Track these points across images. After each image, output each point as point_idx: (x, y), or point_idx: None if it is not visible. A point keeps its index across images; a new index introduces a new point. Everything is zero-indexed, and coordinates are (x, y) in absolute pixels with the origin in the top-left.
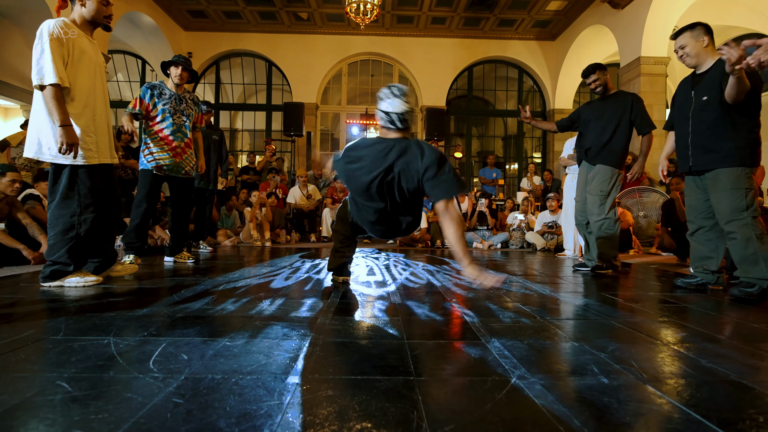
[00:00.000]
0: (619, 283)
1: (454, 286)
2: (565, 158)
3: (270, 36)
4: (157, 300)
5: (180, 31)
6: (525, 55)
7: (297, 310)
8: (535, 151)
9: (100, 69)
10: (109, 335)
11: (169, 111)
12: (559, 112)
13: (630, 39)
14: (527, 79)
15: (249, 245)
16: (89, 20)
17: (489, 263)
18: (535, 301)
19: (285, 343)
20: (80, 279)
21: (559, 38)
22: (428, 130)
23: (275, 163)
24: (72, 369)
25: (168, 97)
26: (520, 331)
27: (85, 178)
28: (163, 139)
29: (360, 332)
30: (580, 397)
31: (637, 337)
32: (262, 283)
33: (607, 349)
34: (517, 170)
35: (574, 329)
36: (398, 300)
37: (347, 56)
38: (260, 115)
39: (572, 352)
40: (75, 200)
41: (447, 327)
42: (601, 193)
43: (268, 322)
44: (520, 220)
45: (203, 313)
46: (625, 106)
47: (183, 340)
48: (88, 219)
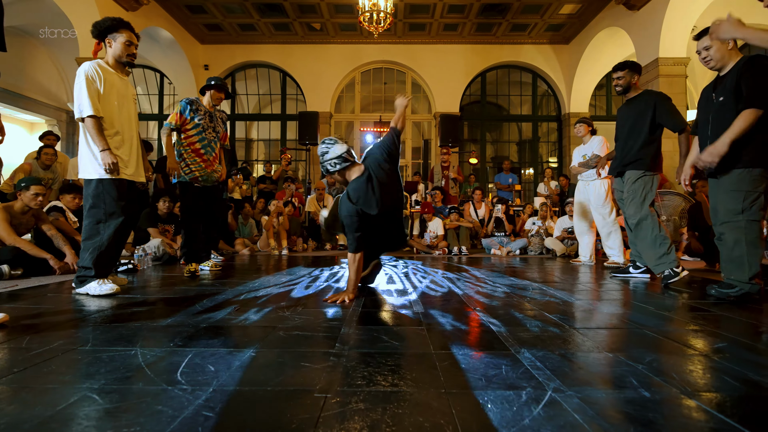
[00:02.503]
0: (646, 290)
1: (475, 294)
2: (576, 166)
3: (284, 47)
4: (179, 310)
5: (197, 45)
6: (538, 59)
7: (320, 320)
8: (551, 155)
9: (129, 99)
10: (136, 346)
11: (203, 126)
12: (575, 116)
13: (647, 40)
14: (541, 84)
15: (266, 254)
16: (117, 60)
17: (507, 269)
18: (560, 308)
19: (311, 354)
20: (98, 286)
21: (573, 41)
22: (442, 136)
23: (291, 172)
24: (101, 380)
25: (203, 113)
26: (549, 341)
27: (110, 189)
28: (195, 152)
29: (385, 343)
30: (622, 412)
31: (674, 347)
32: (282, 292)
33: (644, 360)
34: (533, 175)
35: (605, 339)
36: (421, 309)
37: (360, 65)
38: (275, 124)
39: (607, 363)
40: (101, 209)
41: (474, 336)
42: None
43: (292, 333)
44: (538, 226)
45: (226, 323)
46: (647, 107)
47: (208, 350)
48: (113, 225)
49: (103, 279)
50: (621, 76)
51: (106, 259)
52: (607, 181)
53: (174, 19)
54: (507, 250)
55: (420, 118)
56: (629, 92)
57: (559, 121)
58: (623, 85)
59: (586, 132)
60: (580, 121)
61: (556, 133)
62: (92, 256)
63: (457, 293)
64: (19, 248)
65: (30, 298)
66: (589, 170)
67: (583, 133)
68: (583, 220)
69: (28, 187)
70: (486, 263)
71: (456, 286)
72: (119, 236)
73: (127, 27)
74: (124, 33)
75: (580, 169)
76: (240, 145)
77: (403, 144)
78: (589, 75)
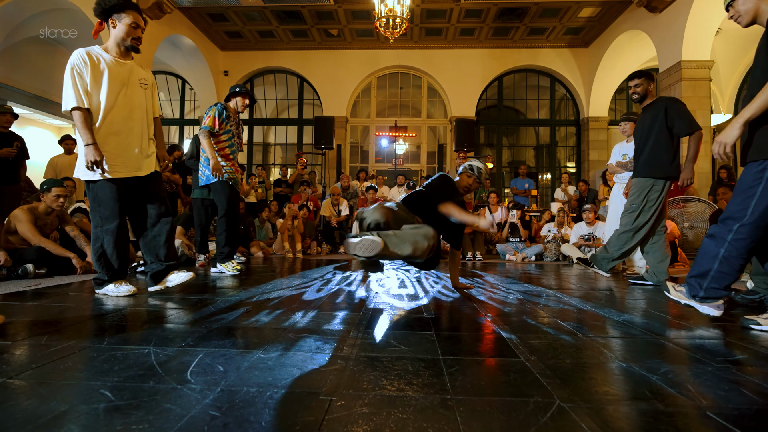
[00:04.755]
0: (665, 298)
1: (488, 300)
2: (613, 165)
3: (301, 53)
4: (194, 310)
5: (217, 51)
6: (557, 63)
7: (329, 323)
8: (569, 160)
9: (132, 86)
10: (150, 345)
11: (232, 132)
12: (594, 120)
13: (669, 43)
14: (559, 88)
15: (281, 257)
16: (119, 44)
17: (522, 276)
18: (575, 316)
19: (318, 357)
20: (114, 288)
21: (592, 45)
22: (458, 141)
23: (307, 176)
24: (115, 378)
25: (231, 119)
26: (561, 349)
27: (104, 190)
28: (225, 156)
29: (393, 347)
30: (634, 424)
31: (691, 359)
32: (294, 294)
33: (659, 370)
34: (550, 180)
35: (620, 348)
36: (431, 314)
37: (376, 70)
38: (292, 129)
39: (620, 373)
40: (97, 212)
41: (484, 343)
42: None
43: (301, 335)
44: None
45: (238, 324)
46: (658, 113)
47: (219, 351)
48: (109, 229)
49: (120, 281)
50: (638, 84)
51: (113, 264)
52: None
53: (196, 26)
54: (522, 256)
55: (435, 123)
56: (646, 100)
57: (578, 126)
58: (641, 93)
59: (632, 131)
60: (625, 118)
61: (574, 137)
62: (99, 262)
63: (470, 299)
64: (44, 248)
65: (52, 297)
66: (626, 173)
67: (630, 132)
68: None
69: (49, 189)
70: (500, 269)
71: (468, 291)
72: (121, 240)
73: (134, 8)
74: (131, 14)
75: (616, 168)
76: (258, 149)
77: (417, 149)
78: (609, 78)
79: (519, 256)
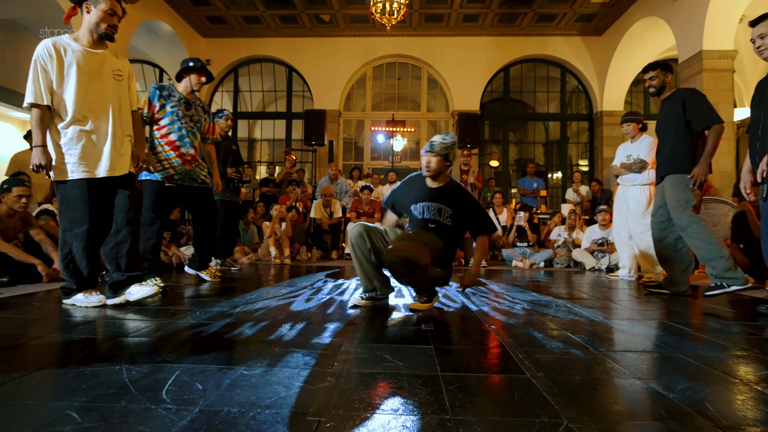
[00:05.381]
0: (685, 309)
1: (492, 310)
2: (617, 167)
3: (290, 40)
4: (170, 322)
5: (198, 39)
6: (568, 52)
7: (319, 336)
8: (581, 158)
9: (106, 78)
10: (122, 361)
11: (177, 114)
12: (608, 114)
13: (690, 31)
14: (571, 79)
15: (267, 263)
16: (92, 31)
17: (529, 284)
18: (586, 329)
19: (306, 373)
20: (83, 298)
21: (606, 33)
22: (460, 136)
23: (296, 175)
24: (83, 397)
25: (177, 99)
26: (570, 365)
27: (73, 193)
28: (169, 144)
29: (388, 362)
30: None
31: (711, 375)
32: (281, 305)
33: (676, 388)
34: (561, 179)
35: (634, 363)
36: (430, 326)
37: (372, 59)
38: (280, 123)
39: (634, 391)
40: (65, 215)
41: (486, 357)
42: (679, 202)
43: (288, 349)
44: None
45: (219, 337)
46: (677, 105)
47: (198, 367)
48: (79, 233)
49: (90, 290)
50: (654, 76)
51: (83, 272)
52: (650, 187)
53: (175, 11)
54: (530, 262)
55: (436, 117)
56: (663, 92)
57: (591, 120)
58: (657, 85)
59: (635, 132)
60: (626, 119)
61: (587, 133)
62: (67, 269)
63: (472, 309)
64: (5, 254)
65: (15, 307)
66: (630, 174)
67: (633, 133)
68: (622, 230)
69: (10, 189)
70: (506, 276)
71: (471, 301)
72: (92, 246)
73: None
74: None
75: (620, 170)
76: (242, 146)
77: (416, 145)
78: (624, 69)
79: (526, 262)
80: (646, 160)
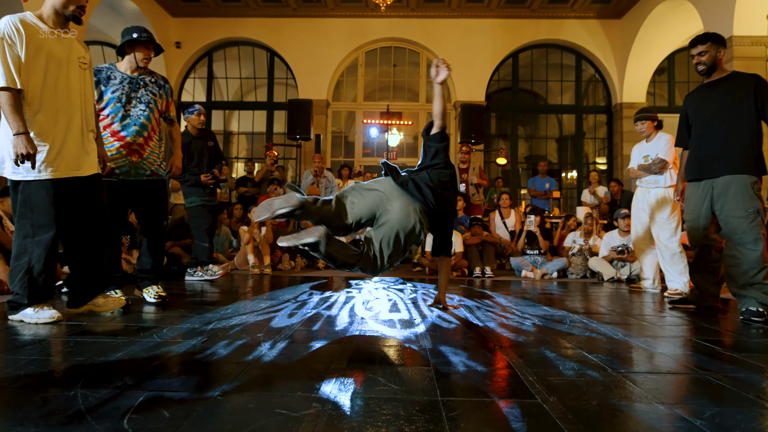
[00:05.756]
0: (716, 326)
1: (499, 326)
2: (635, 169)
3: (272, 21)
4: (133, 341)
5: (167, 18)
6: (583, 37)
7: (304, 356)
8: (599, 155)
9: (71, 65)
10: (77, 385)
11: (119, 99)
12: (629, 106)
13: (719, 15)
14: (587, 67)
15: (245, 272)
16: (59, 11)
17: (541, 297)
18: (604, 347)
19: (289, 399)
20: (33, 313)
21: (626, 16)
22: (463, 131)
23: (277, 173)
24: (32, 428)
25: (119, 81)
26: (586, 388)
27: (38, 194)
28: (113, 135)
29: (382, 386)
30: None
31: (744, 399)
32: (260, 321)
33: (704, 414)
34: (576, 179)
35: (658, 386)
36: (429, 344)
37: (364, 43)
38: (260, 114)
39: (657, 418)
40: (28, 220)
41: (492, 380)
42: (748, 212)
43: (269, 371)
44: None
45: (189, 358)
46: (745, 91)
47: (165, 393)
48: (42, 241)
49: (41, 305)
50: (704, 51)
51: (39, 284)
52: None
53: None
54: (541, 272)
55: None
56: (714, 72)
57: (609, 113)
58: (708, 62)
59: (650, 130)
60: (640, 117)
61: (605, 127)
62: (20, 281)
63: (477, 325)
64: None
65: None
66: (651, 176)
67: (648, 131)
68: (644, 236)
69: None
70: (515, 288)
71: (475, 316)
72: (53, 255)
73: None
74: None
75: (638, 172)
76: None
77: (414, 140)
78: (646, 56)
79: (537, 272)
80: (666, 159)
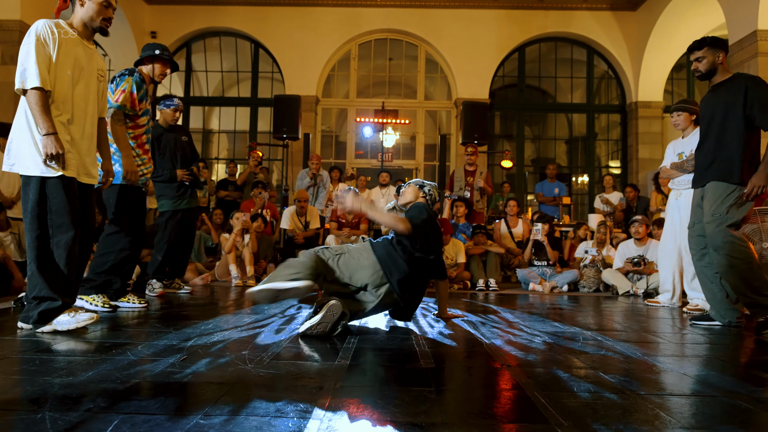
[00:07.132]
0: (741, 343)
1: (505, 344)
2: (667, 167)
3: (257, 9)
4: (105, 359)
5: (142, 6)
6: (596, 30)
7: (293, 376)
8: (612, 158)
9: (92, 75)
10: (44, 408)
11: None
12: (644, 105)
13: (742, 7)
14: (599, 63)
15: (226, 284)
16: (87, 24)
17: (550, 312)
18: (621, 367)
19: (279, 423)
20: (71, 318)
21: (642, 7)
22: (465, 131)
23: (261, 175)
24: None
25: (145, 93)
26: (604, 411)
27: (59, 194)
28: (141, 147)
29: (380, 408)
30: None
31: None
32: (244, 337)
33: None
34: (588, 184)
35: (681, 410)
36: (430, 362)
37: (358, 34)
38: (243, 111)
39: None
40: (41, 220)
41: (500, 402)
42: (713, 216)
43: (255, 392)
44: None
45: (168, 377)
46: (736, 94)
47: (140, 416)
48: (62, 241)
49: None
50: (701, 57)
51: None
52: None
53: None
54: (551, 285)
55: (436, 106)
56: (715, 76)
57: (623, 113)
58: (704, 69)
59: (687, 123)
60: (677, 107)
61: (618, 128)
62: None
63: (481, 343)
64: None
65: None
66: (684, 176)
67: (684, 125)
68: (670, 244)
69: None
70: (522, 302)
71: (479, 332)
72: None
73: None
74: None
75: (671, 171)
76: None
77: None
78: (663, 52)
79: (546, 285)
80: None
